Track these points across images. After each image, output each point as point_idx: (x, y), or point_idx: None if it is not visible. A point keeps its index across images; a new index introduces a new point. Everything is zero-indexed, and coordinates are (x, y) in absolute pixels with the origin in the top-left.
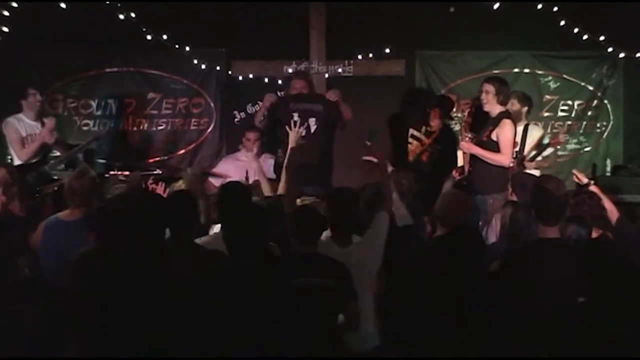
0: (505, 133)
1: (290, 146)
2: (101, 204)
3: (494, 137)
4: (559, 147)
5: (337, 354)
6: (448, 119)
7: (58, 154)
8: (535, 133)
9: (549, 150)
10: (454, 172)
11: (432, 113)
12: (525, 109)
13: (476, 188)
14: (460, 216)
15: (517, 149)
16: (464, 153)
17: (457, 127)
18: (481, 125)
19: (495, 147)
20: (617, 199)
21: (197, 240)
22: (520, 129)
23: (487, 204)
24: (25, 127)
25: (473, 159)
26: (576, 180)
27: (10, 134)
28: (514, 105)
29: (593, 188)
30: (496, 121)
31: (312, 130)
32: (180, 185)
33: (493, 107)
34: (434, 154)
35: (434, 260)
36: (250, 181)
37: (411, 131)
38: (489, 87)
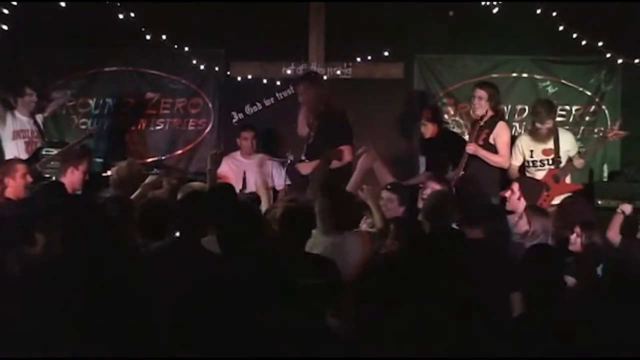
0: (502, 136)
1: None
2: None
3: (491, 140)
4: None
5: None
6: (442, 124)
7: (51, 152)
8: (566, 138)
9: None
10: None
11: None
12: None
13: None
14: (445, 216)
15: (552, 156)
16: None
17: (456, 129)
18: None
19: (493, 150)
20: (615, 204)
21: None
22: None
23: None
24: (18, 123)
25: (469, 162)
26: None
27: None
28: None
29: None
30: (492, 124)
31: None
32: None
33: (484, 113)
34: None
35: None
36: (249, 184)
37: None
38: (482, 93)
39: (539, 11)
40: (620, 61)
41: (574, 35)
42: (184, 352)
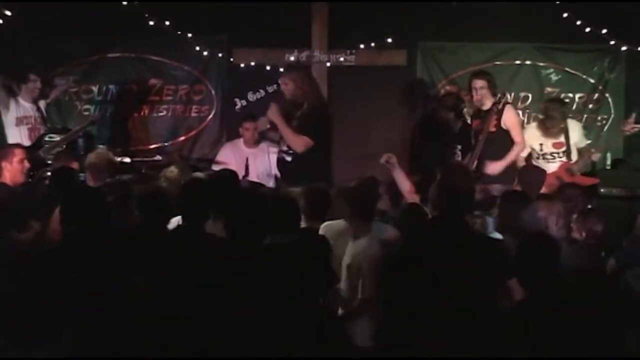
0: (513, 120)
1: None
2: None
3: (502, 125)
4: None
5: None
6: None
7: (54, 138)
8: (575, 129)
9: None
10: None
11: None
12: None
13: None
14: (452, 205)
15: (563, 149)
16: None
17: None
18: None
19: (507, 135)
20: (616, 192)
21: None
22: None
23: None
24: (21, 109)
25: (483, 153)
26: None
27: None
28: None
29: None
30: (499, 109)
31: None
32: (172, 171)
33: (487, 100)
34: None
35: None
36: (251, 172)
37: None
38: (482, 83)
39: None
40: (624, 49)
41: (578, 23)
42: (185, 338)
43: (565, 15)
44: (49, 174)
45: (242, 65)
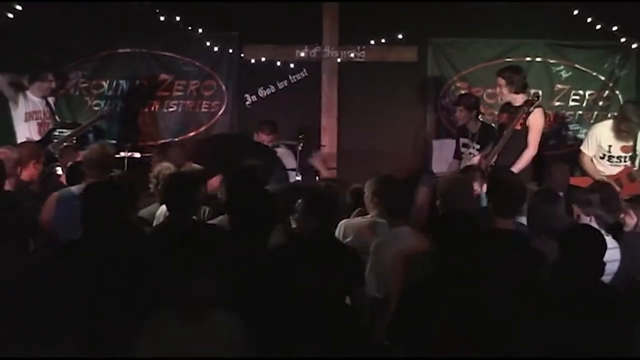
0: (536, 123)
1: None
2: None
3: (527, 124)
4: None
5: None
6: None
7: (64, 133)
8: None
9: None
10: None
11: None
12: None
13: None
14: (461, 201)
15: (630, 153)
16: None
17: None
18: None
19: (524, 135)
20: None
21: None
22: None
23: None
24: (30, 104)
25: (503, 150)
26: None
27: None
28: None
29: None
30: (528, 110)
31: None
32: (168, 167)
33: (513, 97)
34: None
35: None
36: None
37: (462, 140)
38: (500, 80)
39: None
40: (634, 46)
41: (589, 20)
42: None
43: (575, 12)
44: (58, 169)
45: (252, 61)
